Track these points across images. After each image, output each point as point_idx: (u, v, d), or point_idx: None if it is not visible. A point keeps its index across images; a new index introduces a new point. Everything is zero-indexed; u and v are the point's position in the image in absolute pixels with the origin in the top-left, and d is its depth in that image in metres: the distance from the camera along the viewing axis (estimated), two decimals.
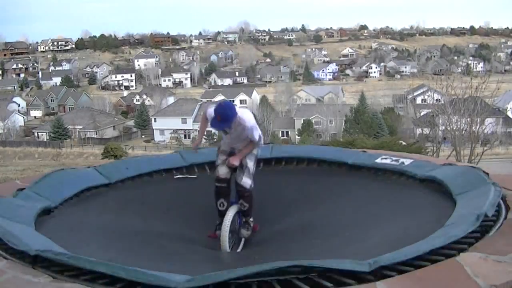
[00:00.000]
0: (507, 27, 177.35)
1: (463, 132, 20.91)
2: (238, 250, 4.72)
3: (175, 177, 5.84)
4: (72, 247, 3.61)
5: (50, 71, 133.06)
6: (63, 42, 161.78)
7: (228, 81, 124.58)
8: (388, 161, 5.50)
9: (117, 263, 3.09)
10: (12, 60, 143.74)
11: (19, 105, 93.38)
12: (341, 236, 4.08)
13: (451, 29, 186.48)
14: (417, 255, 2.96)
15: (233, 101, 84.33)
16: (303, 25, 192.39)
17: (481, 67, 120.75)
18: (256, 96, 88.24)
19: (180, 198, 5.30)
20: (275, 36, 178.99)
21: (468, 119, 20.90)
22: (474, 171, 4.52)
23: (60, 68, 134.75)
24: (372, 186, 5.18)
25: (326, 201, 5.01)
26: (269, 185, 5.33)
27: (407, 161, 5.34)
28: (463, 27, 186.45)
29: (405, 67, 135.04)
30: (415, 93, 72.62)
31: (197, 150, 5.19)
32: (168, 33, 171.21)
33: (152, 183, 5.62)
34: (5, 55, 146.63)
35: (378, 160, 5.57)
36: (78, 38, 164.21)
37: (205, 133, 5.26)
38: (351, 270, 2.81)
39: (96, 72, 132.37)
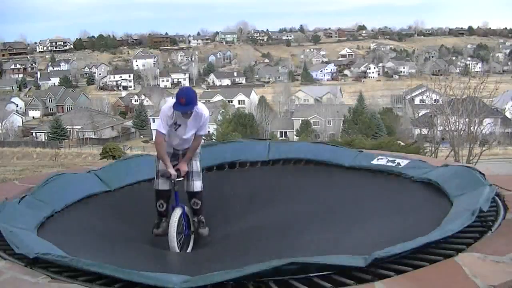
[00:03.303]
0: (506, 28, 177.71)
1: (462, 132, 20.91)
2: (189, 250, 4.76)
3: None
4: (72, 249, 3.64)
5: (49, 71, 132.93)
6: (62, 43, 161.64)
7: (226, 82, 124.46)
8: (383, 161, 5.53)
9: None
10: (11, 60, 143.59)
11: (17, 106, 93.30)
12: (335, 233, 4.07)
13: (450, 29, 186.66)
14: (414, 249, 2.95)
15: (231, 101, 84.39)
16: (301, 25, 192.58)
17: (480, 68, 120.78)
18: (254, 96, 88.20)
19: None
20: (273, 37, 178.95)
21: (467, 120, 20.91)
22: (470, 172, 4.51)
23: (59, 68, 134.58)
24: (367, 185, 5.19)
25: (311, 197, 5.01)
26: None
27: (403, 162, 5.35)
28: (462, 28, 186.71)
29: (404, 68, 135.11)
30: (414, 94, 72.56)
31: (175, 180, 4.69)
32: (166, 33, 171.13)
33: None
34: (3, 55, 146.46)
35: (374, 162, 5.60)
36: (77, 39, 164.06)
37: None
38: (348, 265, 2.80)
39: (95, 73, 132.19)
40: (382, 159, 5.56)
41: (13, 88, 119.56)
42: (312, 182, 5.50)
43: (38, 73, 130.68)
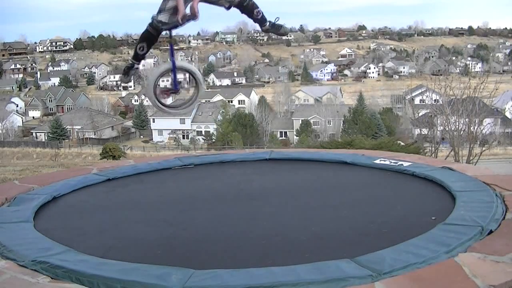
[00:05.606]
0: (506, 28, 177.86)
1: (462, 132, 20.88)
2: (168, 102, 4.71)
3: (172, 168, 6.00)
4: (70, 237, 3.67)
5: (49, 71, 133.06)
6: (62, 43, 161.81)
7: (226, 82, 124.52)
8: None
9: (115, 259, 3.13)
10: (11, 60, 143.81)
11: (17, 106, 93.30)
12: (333, 230, 4.04)
13: (450, 29, 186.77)
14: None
15: (231, 101, 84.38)
16: (301, 25, 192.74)
17: (480, 68, 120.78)
18: (254, 96, 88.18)
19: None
20: (273, 37, 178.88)
21: (467, 120, 20.89)
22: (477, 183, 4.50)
23: (59, 68, 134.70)
24: (365, 178, 5.23)
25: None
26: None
27: (405, 164, 5.39)
28: (462, 28, 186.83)
29: (404, 68, 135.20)
30: (414, 94, 72.57)
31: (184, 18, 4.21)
32: (166, 33, 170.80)
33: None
34: (3, 55, 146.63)
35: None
36: (77, 39, 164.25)
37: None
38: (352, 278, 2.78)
39: (95, 73, 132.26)
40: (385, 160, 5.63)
41: (13, 88, 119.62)
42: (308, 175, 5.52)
43: (38, 73, 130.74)
